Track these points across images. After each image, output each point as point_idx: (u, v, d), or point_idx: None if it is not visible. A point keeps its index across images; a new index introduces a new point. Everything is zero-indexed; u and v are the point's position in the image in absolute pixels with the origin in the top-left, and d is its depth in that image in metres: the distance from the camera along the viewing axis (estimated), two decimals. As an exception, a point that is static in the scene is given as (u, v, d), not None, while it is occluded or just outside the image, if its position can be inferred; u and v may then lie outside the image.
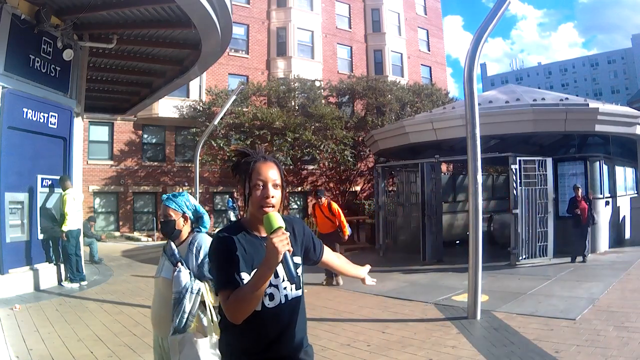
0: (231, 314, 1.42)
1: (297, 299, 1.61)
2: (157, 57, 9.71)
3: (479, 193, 5.32)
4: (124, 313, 5.82)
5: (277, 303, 1.54)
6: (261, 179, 1.52)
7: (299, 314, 1.62)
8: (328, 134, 19.16)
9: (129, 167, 19.14)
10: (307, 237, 1.74)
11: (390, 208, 11.62)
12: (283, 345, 1.54)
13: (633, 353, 3.78)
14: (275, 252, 1.35)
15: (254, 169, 1.53)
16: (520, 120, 9.50)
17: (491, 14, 5.27)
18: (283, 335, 1.55)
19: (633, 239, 10.71)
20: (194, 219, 2.47)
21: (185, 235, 2.45)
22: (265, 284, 1.39)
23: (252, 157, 1.56)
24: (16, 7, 6.74)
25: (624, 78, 73.34)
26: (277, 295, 1.54)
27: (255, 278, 1.39)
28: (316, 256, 1.80)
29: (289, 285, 1.57)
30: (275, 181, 1.53)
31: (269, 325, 1.52)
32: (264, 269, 1.38)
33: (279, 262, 1.38)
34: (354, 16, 26.22)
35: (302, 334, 1.64)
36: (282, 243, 1.36)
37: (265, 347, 1.52)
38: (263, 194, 1.51)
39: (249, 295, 1.38)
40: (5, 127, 6.67)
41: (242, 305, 1.39)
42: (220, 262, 1.48)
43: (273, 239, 1.36)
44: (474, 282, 5.18)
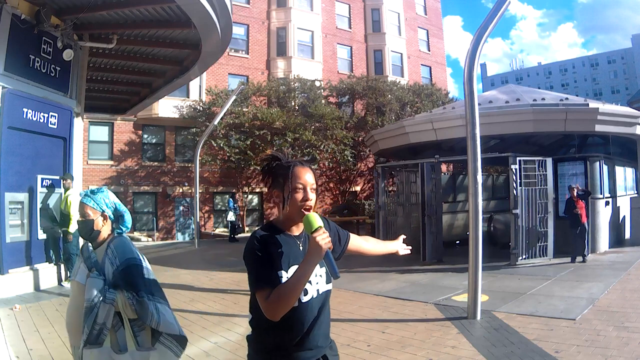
0: (272, 311, 1.46)
1: (327, 292, 1.69)
2: (157, 57, 9.71)
3: (479, 193, 5.32)
4: (124, 313, 5.81)
5: (310, 297, 1.61)
6: (301, 182, 1.60)
7: (326, 307, 1.69)
8: (328, 134, 19.17)
9: (129, 167, 19.15)
10: (333, 232, 1.80)
11: (390, 208, 11.61)
12: (312, 338, 1.61)
13: (633, 353, 3.78)
14: (319, 249, 1.45)
15: (294, 173, 1.61)
16: (520, 120, 9.50)
17: (491, 14, 5.27)
18: (313, 329, 1.61)
19: (633, 239, 10.71)
20: (114, 218, 2.23)
21: (104, 236, 2.20)
22: (306, 280, 1.48)
23: (289, 162, 1.65)
24: (16, 7, 6.74)
25: (624, 78, 73.36)
26: (310, 290, 1.61)
27: (297, 275, 1.47)
28: (341, 247, 1.86)
29: (321, 280, 1.65)
30: (312, 185, 1.63)
31: (303, 320, 1.58)
32: (307, 266, 1.46)
33: (321, 259, 1.48)
34: (354, 16, 26.23)
35: (328, 328, 1.71)
36: (324, 241, 1.46)
37: (298, 341, 1.58)
38: (303, 197, 1.59)
39: (291, 292, 1.45)
40: (5, 127, 6.67)
41: (284, 302, 1.45)
42: (258, 261, 1.53)
43: (316, 238, 1.45)
44: (474, 282, 5.18)
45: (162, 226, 19.68)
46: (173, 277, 8.80)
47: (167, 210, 19.99)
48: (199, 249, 13.72)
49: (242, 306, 6.22)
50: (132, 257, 2.08)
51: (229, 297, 6.76)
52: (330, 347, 1.71)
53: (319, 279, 1.64)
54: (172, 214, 20.04)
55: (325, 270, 1.66)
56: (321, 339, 1.64)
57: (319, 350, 1.64)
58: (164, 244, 16.64)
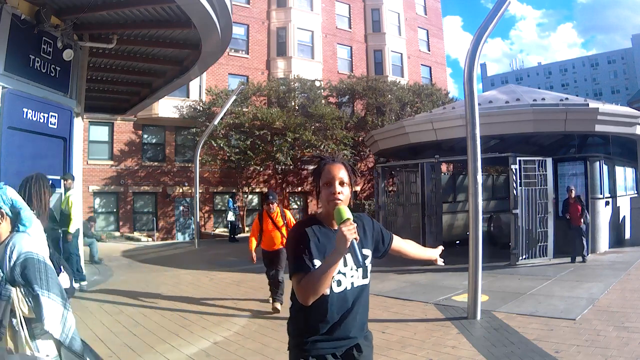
0: (302, 295, 1.58)
1: (363, 287, 1.77)
2: (157, 57, 9.71)
3: (479, 193, 5.32)
4: (124, 313, 5.82)
5: (343, 289, 1.70)
6: (329, 177, 1.71)
7: (362, 300, 1.78)
8: (328, 134, 19.18)
9: (129, 167, 19.15)
10: (376, 232, 1.91)
11: (390, 208, 11.61)
12: (345, 327, 1.71)
13: (633, 353, 3.78)
14: (344, 239, 1.53)
15: (324, 169, 1.74)
16: (520, 121, 9.50)
17: (491, 14, 5.27)
18: (345, 319, 1.71)
19: (633, 239, 10.71)
20: (13, 215, 2.13)
21: (5, 235, 2.09)
22: (334, 269, 1.57)
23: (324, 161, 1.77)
24: (16, 7, 6.73)
25: (624, 78, 73.36)
26: (344, 281, 1.71)
27: (326, 264, 1.57)
28: (384, 247, 1.95)
29: (356, 274, 1.74)
30: (342, 179, 1.72)
31: (334, 309, 1.69)
32: (334, 255, 1.56)
33: (347, 249, 1.55)
34: (354, 16, 26.23)
35: (364, 319, 1.81)
36: (350, 232, 1.54)
37: (329, 328, 1.70)
38: (331, 190, 1.70)
39: (320, 279, 1.55)
40: (5, 127, 6.66)
41: (313, 288, 1.55)
42: (295, 249, 1.66)
43: (342, 228, 1.55)
44: (474, 282, 5.18)
45: (162, 226, 19.68)
46: (173, 277, 8.81)
47: (167, 210, 19.99)
48: (199, 249, 13.72)
49: (243, 306, 6.22)
50: (29, 252, 2.02)
51: (229, 298, 6.76)
52: (365, 338, 1.81)
53: (355, 273, 1.73)
54: (172, 214, 20.04)
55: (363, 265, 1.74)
56: (354, 330, 1.74)
57: (351, 340, 1.74)
58: (164, 244, 16.64)
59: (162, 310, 6.00)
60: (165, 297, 6.84)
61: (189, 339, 4.69)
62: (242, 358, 4.13)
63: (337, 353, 1.72)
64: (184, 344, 4.54)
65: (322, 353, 1.69)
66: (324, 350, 1.69)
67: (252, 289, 7.35)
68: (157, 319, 5.55)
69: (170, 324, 5.27)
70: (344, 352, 1.74)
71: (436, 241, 9.75)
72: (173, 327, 5.13)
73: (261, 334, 4.84)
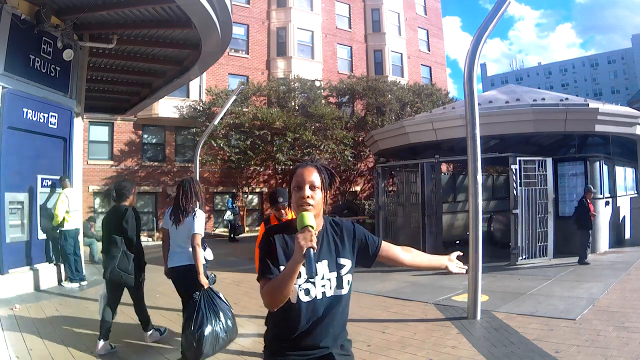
0: (265, 301, 1.58)
1: (337, 297, 1.71)
2: (157, 57, 9.71)
3: (479, 193, 5.32)
4: (124, 313, 5.80)
5: (312, 298, 1.65)
6: (298, 181, 1.65)
7: (337, 311, 1.71)
8: (328, 134, 19.17)
9: (129, 167, 19.14)
10: (358, 239, 1.80)
11: (390, 208, 11.61)
12: (314, 337, 1.67)
13: (633, 353, 3.78)
14: (299, 247, 1.47)
15: (295, 173, 1.68)
16: (520, 121, 9.50)
17: (491, 14, 5.27)
18: (315, 328, 1.66)
19: (633, 239, 10.71)
20: None
21: None
22: (292, 277, 1.52)
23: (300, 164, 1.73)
24: (16, 7, 6.74)
25: (624, 78, 73.35)
26: (313, 291, 1.65)
27: (284, 272, 1.55)
28: (369, 254, 1.84)
29: (328, 283, 1.68)
30: (312, 182, 1.64)
31: (302, 317, 1.64)
32: (290, 263, 1.53)
33: (303, 258, 1.48)
34: (354, 16, 26.22)
35: (339, 330, 1.75)
36: (305, 240, 1.48)
37: (297, 337, 1.66)
38: (300, 194, 1.63)
39: (278, 286, 1.53)
40: (5, 127, 6.67)
41: (273, 294, 1.55)
42: (263, 254, 1.66)
43: (298, 236, 1.49)
44: (474, 282, 5.18)
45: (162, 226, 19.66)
46: (173, 277, 8.80)
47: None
48: (199, 249, 13.69)
49: (242, 306, 6.22)
50: None
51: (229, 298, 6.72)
52: (342, 347, 1.75)
53: (327, 283, 1.67)
54: (172, 214, 20.00)
55: (336, 275, 1.69)
56: (325, 340, 1.68)
57: (321, 350, 1.68)
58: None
59: (162, 310, 6.00)
60: (165, 297, 6.84)
61: (189, 339, 4.68)
62: (242, 358, 4.13)
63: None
64: (184, 344, 4.54)
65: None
66: (292, 359, 1.66)
67: (252, 289, 7.34)
68: (157, 318, 5.54)
69: (170, 324, 5.27)
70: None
71: (436, 241, 9.76)
72: (173, 327, 5.13)
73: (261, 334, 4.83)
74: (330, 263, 1.70)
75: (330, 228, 1.77)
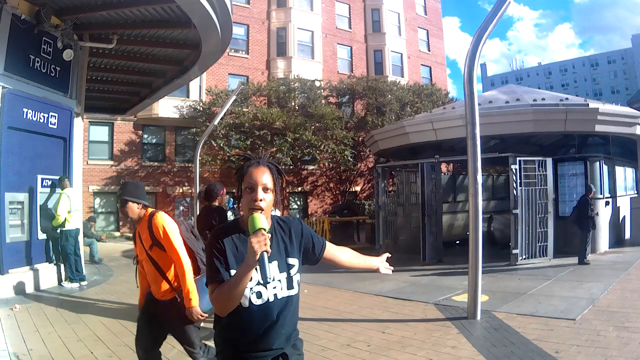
0: (216, 306, 1.54)
1: (288, 298, 1.67)
2: (157, 57, 9.71)
3: (479, 193, 5.32)
4: (124, 313, 5.82)
5: (264, 301, 1.61)
6: (251, 182, 1.59)
7: (289, 312, 1.67)
8: (328, 134, 19.17)
9: (129, 167, 19.15)
10: (305, 238, 1.78)
11: (390, 208, 11.61)
12: (268, 340, 1.62)
13: (633, 353, 3.77)
14: (252, 252, 1.43)
15: (247, 172, 1.61)
16: (520, 121, 9.50)
17: (491, 14, 5.27)
18: (269, 331, 1.62)
19: (633, 239, 10.71)
20: None
21: None
22: (244, 281, 1.47)
23: (249, 162, 1.64)
24: (16, 7, 6.73)
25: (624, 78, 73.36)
26: (265, 293, 1.61)
27: (235, 276, 1.49)
28: (315, 255, 1.83)
29: (279, 285, 1.64)
30: (265, 185, 1.59)
31: (255, 321, 1.60)
32: (242, 268, 1.47)
33: (256, 262, 1.45)
34: (354, 16, 26.22)
35: (291, 330, 1.70)
36: (259, 244, 1.43)
37: (250, 340, 1.61)
38: (252, 197, 1.58)
39: (230, 291, 1.48)
40: (5, 127, 6.67)
41: (224, 299, 1.50)
42: (212, 257, 1.58)
43: (252, 240, 1.44)
44: (474, 282, 5.18)
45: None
46: (173, 277, 8.80)
47: (167, 210, 19.96)
48: (199, 249, 13.71)
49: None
50: None
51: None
52: (294, 346, 1.72)
53: (278, 284, 1.64)
54: (172, 214, 20.00)
55: (286, 276, 1.66)
56: (278, 341, 1.64)
57: (274, 351, 1.65)
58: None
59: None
60: (165, 297, 6.85)
61: (189, 339, 4.69)
62: (242, 358, 4.12)
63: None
64: (184, 344, 4.54)
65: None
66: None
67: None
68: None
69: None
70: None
71: (436, 241, 9.75)
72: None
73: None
74: (281, 264, 1.66)
75: (279, 227, 1.73)
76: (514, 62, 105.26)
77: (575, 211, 8.66)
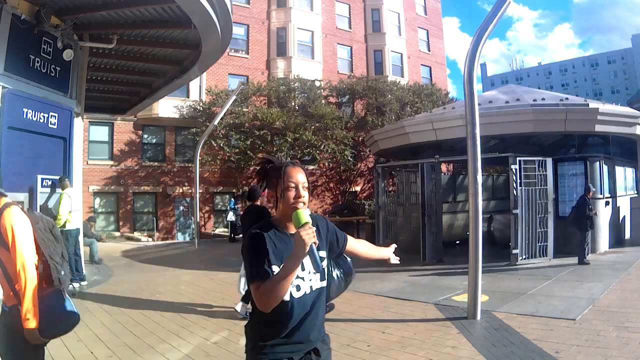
0: (262, 303, 1.56)
1: (321, 289, 1.77)
2: (157, 57, 9.71)
3: (479, 193, 5.32)
4: (124, 313, 5.82)
5: (302, 293, 1.69)
6: (293, 181, 1.69)
7: (321, 302, 1.77)
8: (328, 134, 19.17)
9: (129, 167, 19.15)
10: (330, 233, 1.89)
11: (390, 208, 11.61)
12: (304, 331, 1.70)
13: (633, 353, 3.78)
14: (303, 244, 1.51)
15: (286, 172, 1.70)
16: (520, 121, 9.50)
17: (491, 14, 5.27)
18: (304, 322, 1.70)
19: (633, 239, 10.70)
20: None
21: None
22: (293, 274, 1.55)
23: (282, 163, 1.74)
24: (16, 7, 6.73)
25: (624, 78, 73.38)
26: (303, 286, 1.70)
27: (284, 269, 1.55)
28: (339, 248, 1.94)
29: (314, 277, 1.73)
30: (304, 183, 1.71)
31: (294, 313, 1.67)
32: (292, 260, 1.54)
33: (306, 254, 1.54)
34: (354, 16, 26.23)
35: (321, 322, 1.79)
36: (309, 236, 1.52)
37: (288, 333, 1.68)
38: (296, 195, 1.68)
39: (278, 285, 1.53)
40: (5, 127, 6.66)
41: (272, 295, 1.53)
42: (253, 256, 1.63)
43: (301, 233, 1.53)
44: (474, 282, 5.18)
45: (162, 226, 19.68)
46: (173, 277, 8.81)
47: (167, 210, 19.98)
48: (199, 249, 13.72)
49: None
50: None
51: (229, 298, 6.75)
52: (323, 341, 1.79)
53: (313, 276, 1.72)
54: (172, 214, 20.04)
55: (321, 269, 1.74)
56: (313, 333, 1.72)
57: (310, 344, 1.72)
58: (164, 244, 16.64)
59: (162, 310, 6.00)
60: (165, 297, 6.85)
61: (189, 339, 4.69)
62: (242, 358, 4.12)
63: (294, 357, 1.70)
64: (183, 344, 4.54)
65: (279, 357, 1.67)
66: (282, 355, 1.68)
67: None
68: (157, 319, 5.55)
69: (170, 324, 5.27)
70: (302, 356, 1.71)
71: (436, 241, 9.75)
72: (173, 327, 5.13)
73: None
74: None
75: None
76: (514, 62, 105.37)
77: (573, 211, 8.65)
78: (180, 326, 5.20)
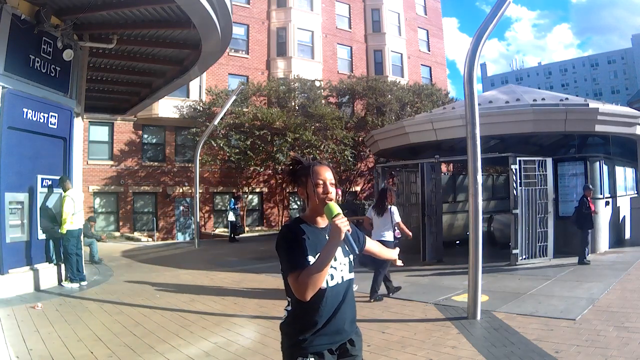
0: (302, 291, 1.64)
1: (350, 280, 1.89)
2: (157, 57, 9.71)
3: (479, 193, 5.32)
4: (124, 313, 5.82)
5: (336, 282, 1.81)
6: (321, 178, 1.82)
7: (351, 293, 1.90)
8: (328, 134, 19.17)
9: (129, 167, 19.15)
10: (353, 231, 1.98)
11: (390, 208, 11.59)
12: (339, 320, 1.80)
13: (633, 353, 3.77)
14: (339, 231, 1.65)
15: (314, 171, 1.83)
16: (520, 121, 9.50)
17: (491, 14, 5.27)
18: (338, 312, 1.80)
19: (633, 239, 10.70)
20: None
21: None
22: (330, 260, 1.67)
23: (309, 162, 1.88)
24: (16, 7, 6.74)
25: (624, 78, 73.40)
26: (336, 275, 1.81)
27: (321, 256, 1.66)
28: (360, 244, 2.07)
29: (345, 268, 1.85)
30: (331, 180, 1.85)
31: (329, 302, 1.77)
32: (329, 248, 1.67)
33: (341, 241, 1.67)
34: (354, 16, 26.23)
35: (354, 313, 1.91)
36: (343, 224, 1.66)
37: (325, 323, 1.77)
38: (325, 190, 1.81)
39: (318, 272, 1.64)
40: (5, 127, 6.67)
41: (312, 282, 1.63)
42: (289, 248, 1.74)
43: (336, 221, 1.66)
44: (474, 282, 5.18)
45: (162, 226, 19.68)
46: (173, 277, 8.81)
47: (167, 210, 19.99)
48: (199, 249, 13.72)
49: (242, 306, 6.22)
50: None
51: (229, 298, 6.75)
52: (357, 333, 1.91)
53: (344, 267, 1.84)
54: (172, 214, 20.04)
55: (349, 260, 1.87)
56: (347, 323, 1.83)
57: (346, 334, 1.83)
58: (164, 244, 16.64)
59: (162, 310, 6.00)
60: (165, 297, 6.84)
61: (189, 339, 4.69)
62: (242, 358, 4.12)
63: (333, 348, 1.79)
64: (184, 344, 4.54)
65: (319, 350, 1.75)
66: (321, 347, 1.75)
67: (252, 289, 7.35)
68: (157, 319, 5.55)
69: (170, 324, 5.27)
70: (339, 346, 1.81)
71: (436, 241, 9.75)
72: (173, 327, 5.13)
73: (261, 334, 4.85)
74: (344, 249, 1.85)
75: None
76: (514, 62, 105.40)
77: (575, 211, 8.67)
78: (180, 326, 5.20)
